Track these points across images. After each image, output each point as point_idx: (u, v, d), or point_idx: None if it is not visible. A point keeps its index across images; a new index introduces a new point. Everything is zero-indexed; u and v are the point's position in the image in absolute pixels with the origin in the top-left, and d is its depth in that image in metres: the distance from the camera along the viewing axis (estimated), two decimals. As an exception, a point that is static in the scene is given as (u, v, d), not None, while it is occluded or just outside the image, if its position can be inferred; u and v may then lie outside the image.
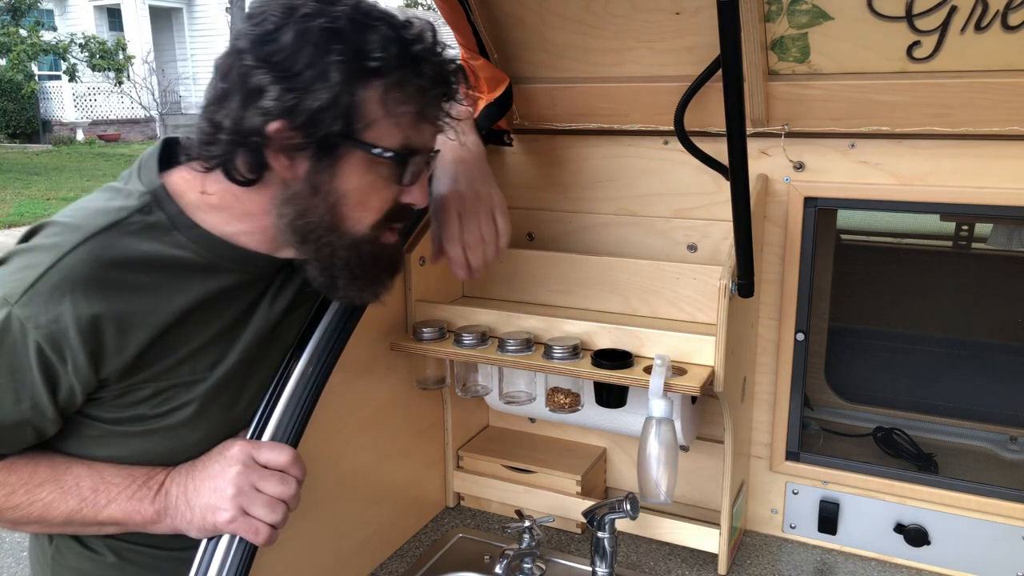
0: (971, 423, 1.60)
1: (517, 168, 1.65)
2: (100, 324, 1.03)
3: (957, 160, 1.30)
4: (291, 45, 0.96)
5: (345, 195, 1.04)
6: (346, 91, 0.97)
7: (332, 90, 0.96)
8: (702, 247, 1.50)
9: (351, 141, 1.00)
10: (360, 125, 1.00)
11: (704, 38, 1.30)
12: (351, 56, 0.97)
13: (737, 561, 1.48)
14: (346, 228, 1.07)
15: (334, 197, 1.04)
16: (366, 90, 0.99)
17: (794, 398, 1.47)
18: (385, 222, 1.10)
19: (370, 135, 1.01)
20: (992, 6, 1.12)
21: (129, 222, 1.07)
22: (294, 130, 0.98)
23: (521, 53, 1.48)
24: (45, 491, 1.09)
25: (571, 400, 1.47)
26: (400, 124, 1.03)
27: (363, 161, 1.03)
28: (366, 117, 1.00)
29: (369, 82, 0.99)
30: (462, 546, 1.55)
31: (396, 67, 0.99)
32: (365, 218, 1.07)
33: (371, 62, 0.98)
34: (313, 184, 1.02)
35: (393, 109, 1.01)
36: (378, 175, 1.05)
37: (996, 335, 1.65)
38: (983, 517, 1.37)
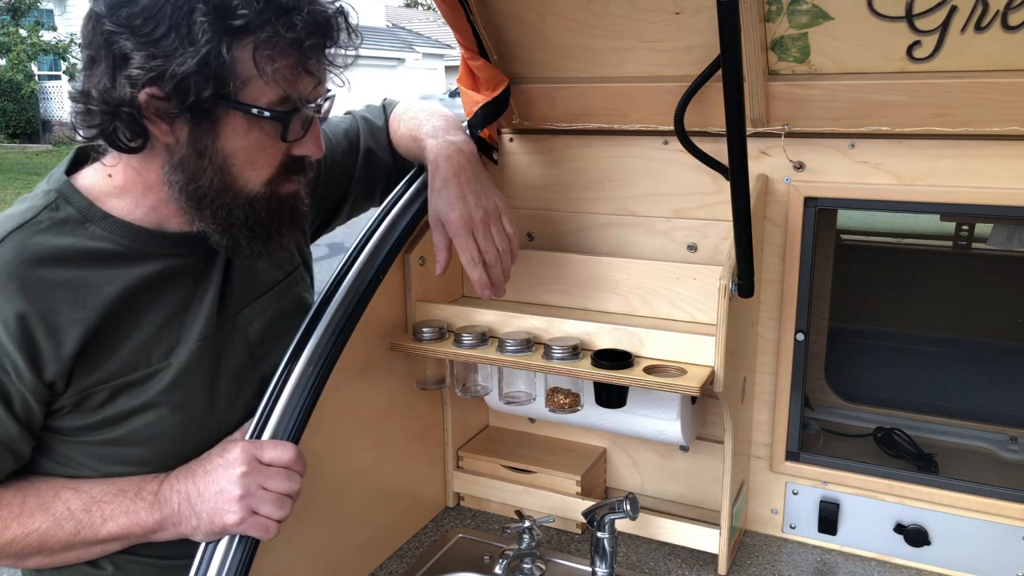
0: (971, 423, 1.60)
1: (517, 168, 1.65)
2: (28, 324, 1.02)
3: (957, 160, 1.30)
4: (149, 6, 0.93)
5: (231, 155, 1.02)
6: (214, 52, 0.94)
7: (198, 53, 0.93)
8: (702, 247, 1.50)
9: (226, 102, 0.98)
10: (234, 85, 0.97)
11: (704, 38, 1.30)
12: (214, 14, 0.93)
13: (737, 561, 1.48)
14: (238, 187, 1.05)
15: (220, 159, 1.02)
16: (235, 49, 0.96)
17: (794, 398, 1.47)
18: (280, 176, 1.08)
19: (246, 94, 0.99)
20: (992, 6, 1.12)
21: (38, 220, 1.06)
22: (165, 97, 0.95)
23: (521, 53, 1.48)
24: (37, 521, 1.08)
25: (571, 400, 1.47)
26: (276, 80, 0.99)
27: (243, 121, 1.00)
28: (239, 76, 0.97)
29: (237, 40, 0.95)
30: (462, 546, 1.55)
31: (265, 22, 0.96)
32: (257, 176, 1.06)
33: (236, 20, 0.94)
34: (197, 148, 1.01)
35: (266, 66, 0.98)
36: (262, 132, 1.03)
37: (996, 335, 1.65)
38: (983, 517, 1.37)
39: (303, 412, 1.24)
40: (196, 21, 0.93)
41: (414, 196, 1.49)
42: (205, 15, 0.93)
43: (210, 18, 0.93)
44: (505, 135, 1.64)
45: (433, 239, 1.34)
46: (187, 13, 0.93)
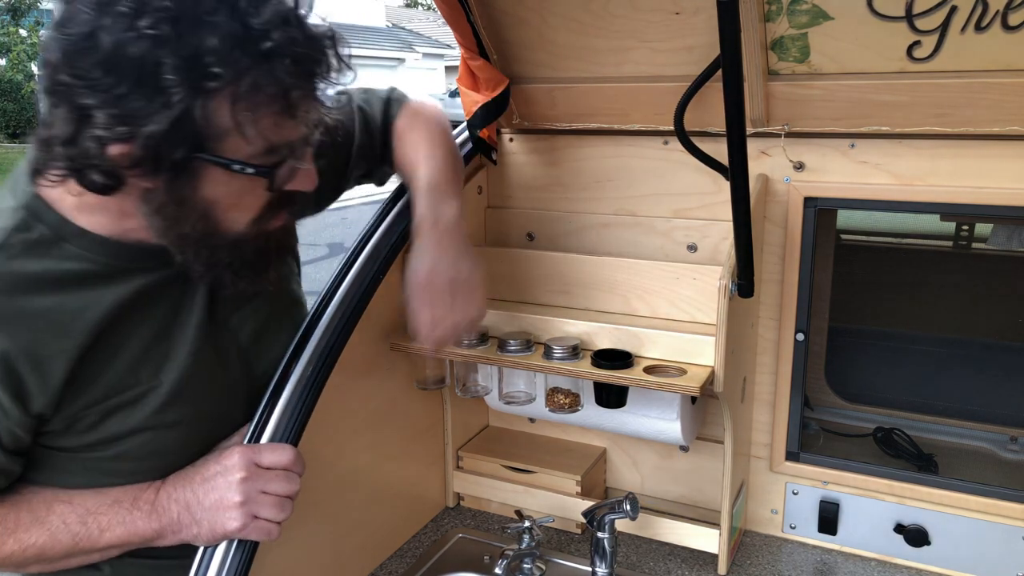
0: (971, 423, 1.60)
1: (517, 168, 1.65)
2: (11, 362, 0.96)
3: (957, 160, 1.30)
4: (110, 58, 0.82)
5: (215, 202, 0.95)
6: (187, 111, 0.85)
7: (169, 114, 0.84)
8: (702, 247, 1.50)
9: (203, 157, 0.90)
10: (211, 141, 0.89)
11: (704, 38, 1.30)
12: (185, 69, 0.83)
13: (737, 561, 1.48)
14: (223, 230, 0.99)
15: (203, 205, 0.95)
16: (211, 105, 0.86)
17: (794, 398, 1.47)
18: (268, 213, 1.02)
19: (225, 148, 0.90)
20: (992, 6, 1.12)
21: (9, 244, 0.98)
22: (137, 155, 0.87)
23: (521, 53, 1.48)
24: (33, 536, 1.05)
25: (571, 400, 1.47)
26: (259, 132, 0.91)
27: (223, 173, 0.92)
28: (217, 130, 0.88)
29: (213, 95, 0.86)
30: (462, 546, 1.55)
31: (242, 73, 0.86)
32: (243, 217, 0.99)
33: (210, 80, 0.84)
34: (176, 197, 0.93)
35: (246, 120, 0.89)
36: (243, 182, 0.95)
37: (996, 335, 1.65)
38: (983, 517, 1.37)
39: (303, 412, 1.24)
40: (164, 78, 0.83)
41: (414, 196, 1.49)
42: (175, 71, 0.83)
43: (179, 75, 0.83)
44: (505, 135, 1.64)
45: (408, 306, 1.24)
46: (153, 67, 0.82)
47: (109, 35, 0.82)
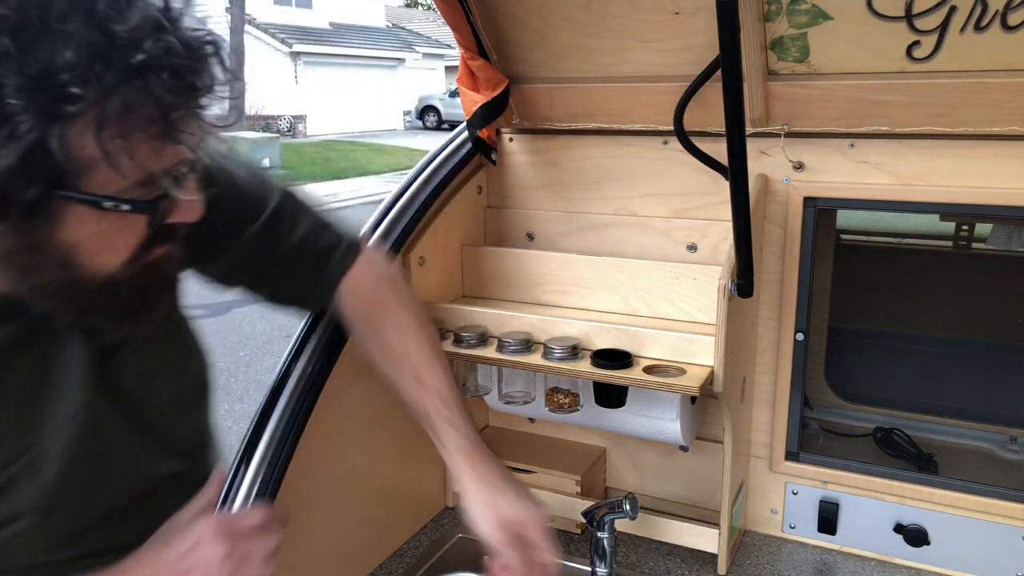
0: (971, 423, 1.60)
1: (517, 168, 1.65)
2: None
3: (957, 160, 1.30)
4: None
5: (77, 245, 0.79)
6: (38, 142, 0.69)
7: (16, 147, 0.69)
8: (702, 247, 1.50)
9: (64, 196, 0.74)
10: (73, 176, 0.73)
11: (704, 38, 1.30)
12: (32, 91, 0.68)
13: (737, 561, 1.48)
14: (90, 275, 0.82)
15: (63, 250, 0.78)
16: (70, 130, 0.71)
17: (794, 398, 1.47)
18: (145, 250, 0.84)
19: (92, 182, 0.74)
20: (992, 6, 1.12)
21: None
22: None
23: (521, 53, 1.48)
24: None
25: (571, 400, 1.47)
26: (134, 159, 0.75)
27: (90, 212, 0.77)
28: (79, 162, 0.73)
29: (72, 121, 0.71)
30: (461, 546, 1.55)
31: (107, 93, 0.70)
32: (114, 259, 0.83)
33: (66, 103, 0.69)
34: (27, 243, 0.77)
35: (116, 147, 0.73)
36: (113, 220, 0.79)
37: (996, 335, 1.65)
38: (983, 517, 1.37)
39: (303, 412, 1.24)
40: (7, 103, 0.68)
41: (413, 195, 1.49)
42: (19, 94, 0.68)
43: (26, 98, 0.68)
44: (505, 135, 1.64)
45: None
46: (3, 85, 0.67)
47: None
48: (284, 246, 1.15)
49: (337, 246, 1.19)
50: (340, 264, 1.19)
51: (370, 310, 1.21)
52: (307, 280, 1.19)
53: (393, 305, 1.21)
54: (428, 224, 1.50)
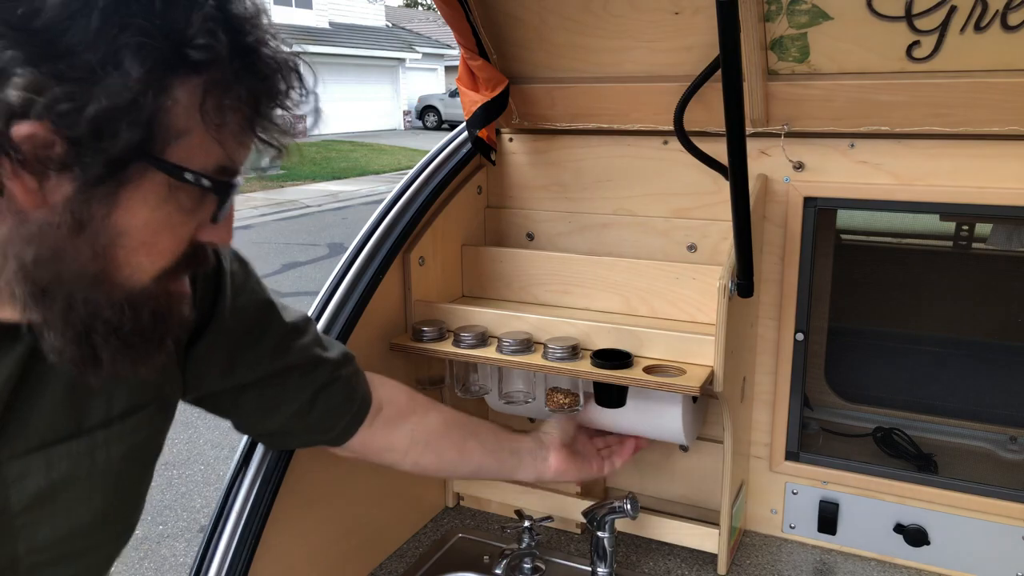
0: (971, 423, 1.60)
1: (517, 168, 1.65)
2: None
3: (957, 160, 1.30)
4: (59, 4, 0.63)
5: (125, 234, 0.71)
6: (145, 92, 0.66)
7: (129, 86, 0.64)
8: (702, 247, 1.50)
9: (149, 159, 0.69)
10: (163, 137, 0.69)
11: (704, 38, 1.30)
12: (161, 36, 0.65)
13: (737, 561, 1.48)
14: (119, 279, 0.73)
15: (108, 237, 0.70)
16: (178, 88, 0.68)
17: (794, 398, 1.47)
18: (178, 269, 0.77)
19: (177, 152, 0.70)
20: (992, 6, 1.12)
21: None
22: (57, 140, 0.64)
23: (521, 53, 1.48)
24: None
25: (571, 400, 1.47)
26: (221, 138, 0.72)
27: (162, 187, 0.71)
28: (173, 126, 0.69)
29: (185, 78, 0.68)
30: (462, 546, 1.55)
31: (224, 59, 0.69)
32: (152, 264, 0.75)
33: (193, 51, 0.67)
34: (77, 217, 0.68)
35: (214, 118, 0.71)
36: (178, 206, 0.73)
37: (996, 335, 1.65)
38: (983, 517, 1.37)
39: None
40: (131, 42, 0.64)
41: (413, 195, 1.49)
42: (146, 34, 0.64)
43: (155, 40, 0.65)
44: (505, 135, 1.64)
45: None
46: (118, 25, 0.63)
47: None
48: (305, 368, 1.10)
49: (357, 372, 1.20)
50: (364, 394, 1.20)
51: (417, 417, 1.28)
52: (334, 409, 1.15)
53: (424, 400, 1.31)
54: (428, 224, 1.50)
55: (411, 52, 25.49)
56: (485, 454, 1.32)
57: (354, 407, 1.17)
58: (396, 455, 1.25)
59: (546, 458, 1.37)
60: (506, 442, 1.35)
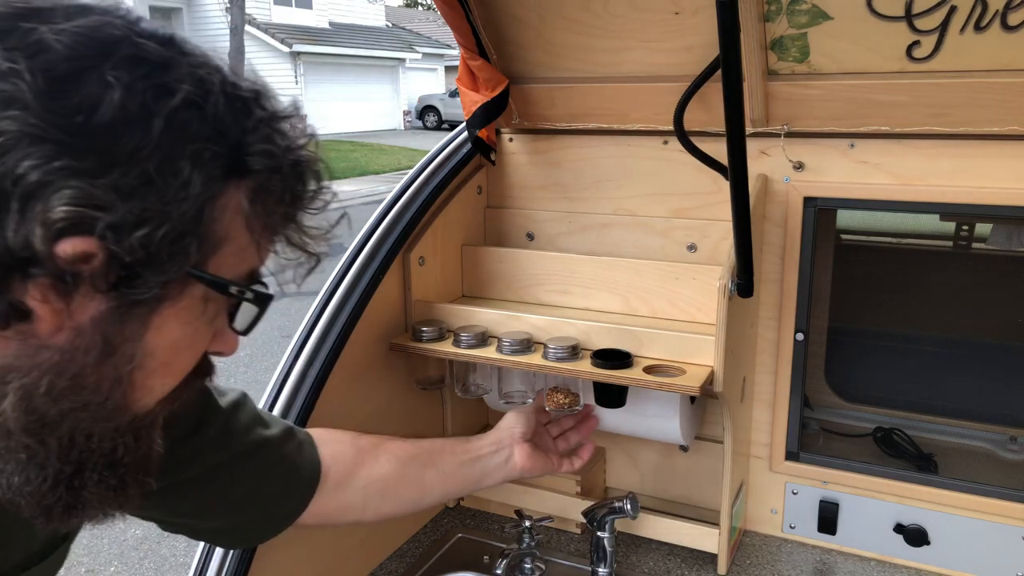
0: (971, 423, 1.60)
1: (517, 168, 1.65)
2: None
3: (957, 160, 1.30)
4: (117, 109, 0.57)
5: (151, 355, 0.65)
6: (212, 199, 0.62)
7: (195, 198, 0.60)
8: (702, 247, 1.50)
9: (194, 273, 0.63)
10: (208, 248, 0.64)
11: (704, 38, 1.30)
12: (223, 144, 0.62)
13: (737, 561, 1.48)
14: (130, 404, 0.66)
15: (137, 359, 0.64)
16: (226, 195, 0.64)
17: (794, 398, 1.47)
18: (182, 387, 0.71)
19: (217, 262, 0.65)
20: (991, 6, 1.12)
21: None
22: (107, 256, 0.58)
23: (521, 53, 1.48)
24: None
25: (571, 400, 1.47)
26: (260, 244, 0.69)
27: (198, 301, 0.66)
28: (217, 235, 0.64)
29: (238, 183, 0.64)
30: (462, 546, 1.55)
31: (275, 166, 0.66)
32: (162, 388, 0.68)
33: (251, 157, 0.64)
34: (109, 340, 0.61)
35: (258, 223, 0.67)
36: (205, 319, 0.68)
37: (996, 335, 1.65)
38: (983, 517, 1.37)
39: (303, 412, 1.25)
40: (191, 148, 0.60)
41: (413, 195, 1.49)
42: (207, 140, 0.61)
43: (217, 146, 0.62)
44: (505, 135, 1.64)
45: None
46: (180, 130, 0.59)
47: (117, 76, 0.57)
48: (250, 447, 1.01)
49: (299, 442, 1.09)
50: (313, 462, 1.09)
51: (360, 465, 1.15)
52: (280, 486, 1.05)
53: (369, 446, 1.18)
54: (428, 224, 1.50)
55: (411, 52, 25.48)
56: (446, 479, 1.23)
57: (301, 485, 1.06)
58: (354, 513, 1.15)
59: (510, 457, 1.28)
60: (465, 455, 1.25)
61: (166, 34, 0.63)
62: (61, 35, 0.57)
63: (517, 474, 1.29)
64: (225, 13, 17.19)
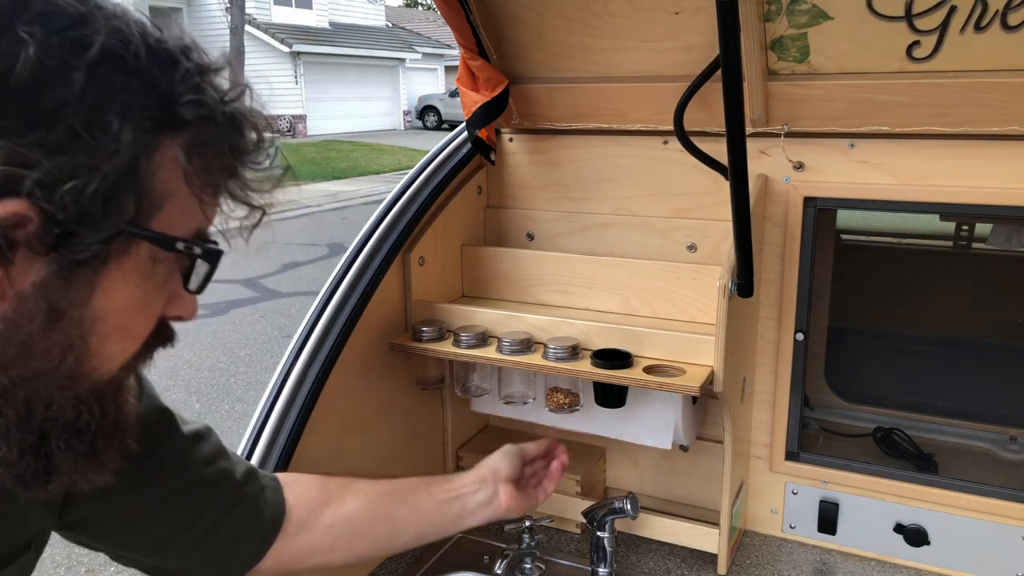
0: (971, 423, 1.60)
1: (517, 168, 1.65)
2: None
3: (957, 160, 1.30)
4: (35, 65, 0.56)
5: (101, 319, 0.63)
6: (136, 161, 0.60)
7: (120, 156, 0.58)
8: (702, 247, 1.50)
9: (137, 231, 0.62)
10: (149, 205, 0.62)
11: (704, 38, 1.30)
12: (151, 95, 0.60)
13: (737, 561, 1.48)
14: (86, 372, 0.65)
15: (86, 323, 0.63)
16: (163, 152, 0.62)
17: (794, 398, 1.47)
18: (143, 353, 0.70)
19: (161, 219, 0.64)
20: (991, 6, 1.12)
21: None
22: (41, 218, 0.57)
23: (521, 53, 1.48)
24: None
25: (571, 400, 1.47)
26: (203, 199, 0.67)
27: (146, 261, 0.64)
28: (157, 191, 0.62)
29: (170, 137, 0.63)
30: (462, 546, 1.55)
31: (214, 116, 0.65)
32: (122, 353, 0.67)
33: (183, 108, 0.62)
34: (54, 305, 0.60)
35: (198, 177, 0.65)
36: (156, 281, 0.66)
37: (996, 335, 1.65)
38: (983, 517, 1.37)
39: (303, 412, 1.25)
40: (118, 101, 0.58)
41: (413, 195, 1.49)
42: (134, 92, 0.59)
43: (144, 97, 0.60)
44: (505, 135, 1.64)
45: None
46: (103, 83, 0.58)
47: (33, 33, 0.56)
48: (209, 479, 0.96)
49: (261, 482, 1.02)
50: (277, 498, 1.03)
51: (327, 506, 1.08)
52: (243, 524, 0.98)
53: (337, 486, 1.10)
54: (428, 224, 1.50)
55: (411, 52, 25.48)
56: (422, 517, 1.14)
57: (262, 526, 1.00)
58: (321, 556, 1.06)
59: (495, 496, 1.19)
60: (443, 494, 1.15)
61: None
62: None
63: (502, 513, 1.21)
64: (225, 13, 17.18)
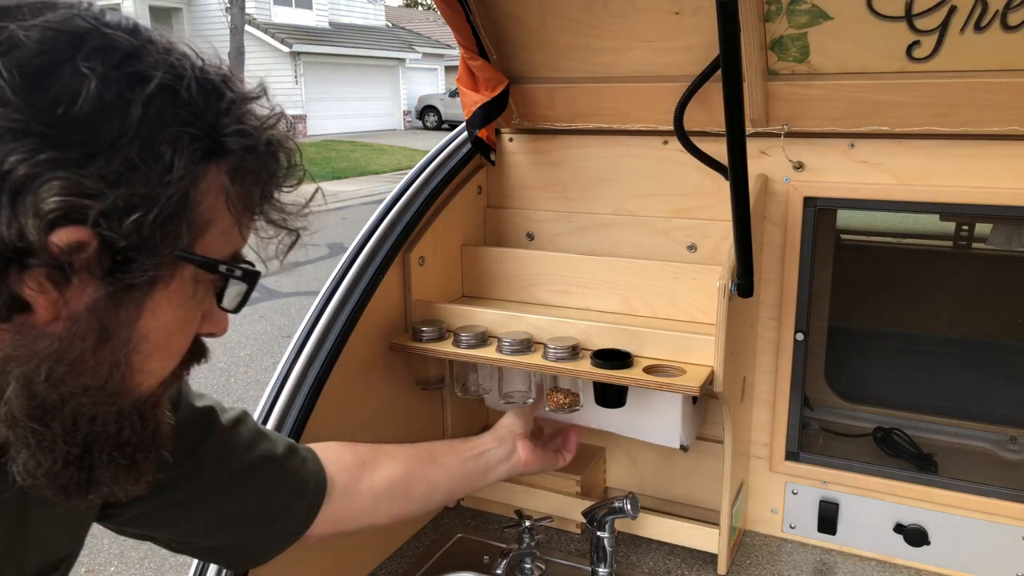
0: (971, 423, 1.60)
1: (517, 168, 1.65)
2: None
3: (957, 160, 1.30)
4: (95, 99, 0.59)
5: (146, 338, 0.67)
6: (194, 181, 0.64)
7: (178, 181, 0.62)
8: (702, 247, 1.50)
9: (185, 255, 0.66)
10: (195, 230, 0.66)
11: (704, 38, 1.30)
12: (200, 126, 0.64)
13: (737, 561, 1.48)
14: (131, 386, 0.69)
15: (132, 342, 0.66)
16: (208, 177, 0.66)
17: (794, 398, 1.47)
18: (181, 369, 0.75)
19: (205, 243, 0.68)
20: (991, 6, 1.12)
21: None
22: (99, 243, 0.60)
23: (521, 53, 1.48)
24: None
25: (571, 400, 1.47)
26: (242, 223, 0.71)
27: (189, 283, 0.68)
28: (202, 217, 0.66)
29: (218, 164, 0.66)
30: (461, 546, 1.55)
31: (251, 146, 0.68)
32: (162, 370, 0.71)
33: (228, 138, 0.66)
34: (105, 326, 0.64)
35: (238, 203, 0.69)
36: (195, 301, 0.70)
37: (996, 335, 1.65)
38: (983, 517, 1.37)
39: (303, 412, 1.25)
40: (170, 132, 0.62)
41: (413, 195, 1.49)
42: (185, 123, 0.63)
43: (194, 129, 0.64)
44: (505, 135, 1.64)
45: None
46: (158, 115, 0.61)
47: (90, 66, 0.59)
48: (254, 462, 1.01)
49: (303, 457, 1.08)
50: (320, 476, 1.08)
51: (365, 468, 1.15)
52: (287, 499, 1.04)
53: (369, 452, 1.17)
54: (428, 224, 1.50)
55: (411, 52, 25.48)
56: (451, 475, 1.23)
57: (308, 496, 1.06)
58: (365, 518, 1.14)
59: (514, 451, 1.31)
60: (467, 452, 1.27)
61: (130, 24, 0.65)
62: (31, 31, 0.59)
63: (521, 468, 1.32)
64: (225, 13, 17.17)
